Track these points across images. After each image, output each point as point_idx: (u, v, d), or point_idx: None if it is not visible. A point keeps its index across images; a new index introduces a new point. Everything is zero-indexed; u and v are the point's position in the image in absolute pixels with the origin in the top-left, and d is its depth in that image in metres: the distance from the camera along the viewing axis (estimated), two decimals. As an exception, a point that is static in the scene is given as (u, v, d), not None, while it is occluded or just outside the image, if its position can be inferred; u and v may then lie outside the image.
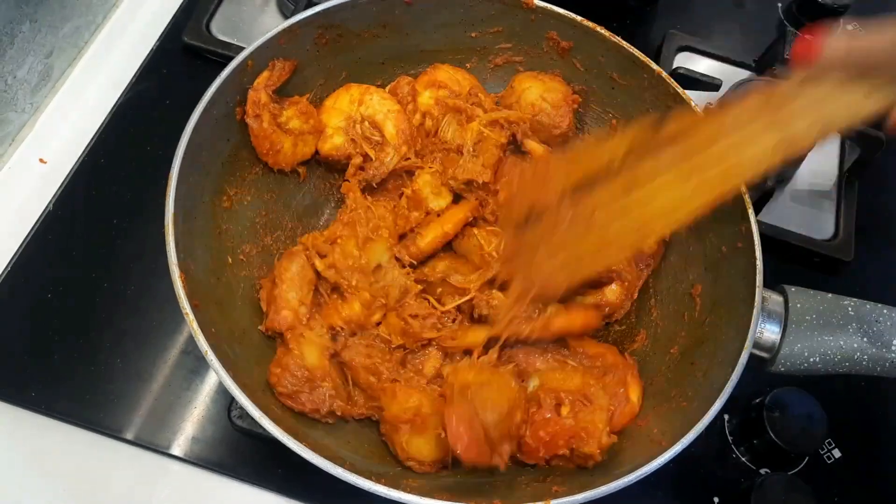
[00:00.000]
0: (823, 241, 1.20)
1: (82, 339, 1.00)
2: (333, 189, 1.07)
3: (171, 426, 0.96)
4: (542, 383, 0.86)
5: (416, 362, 0.91)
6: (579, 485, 0.75)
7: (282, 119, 0.96)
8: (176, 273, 0.78)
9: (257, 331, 0.90)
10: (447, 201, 0.99)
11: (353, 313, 0.89)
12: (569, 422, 0.81)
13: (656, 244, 0.97)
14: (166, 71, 1.24)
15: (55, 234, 1.07)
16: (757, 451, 1.01)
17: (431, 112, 1.02)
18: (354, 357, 0.87)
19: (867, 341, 0.82)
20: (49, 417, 0.96)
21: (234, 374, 0.75)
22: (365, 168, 0.99)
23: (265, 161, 0.97)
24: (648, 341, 0.96)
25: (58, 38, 1.19)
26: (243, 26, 1.28)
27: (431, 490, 0.78)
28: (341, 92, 1.02)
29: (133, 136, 1.16)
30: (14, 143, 1.16)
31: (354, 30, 1.02)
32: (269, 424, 0.72)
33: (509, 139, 1.01)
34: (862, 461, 1.05)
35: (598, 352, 0.91)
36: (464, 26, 1.06)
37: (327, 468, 0.71)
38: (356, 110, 0.99)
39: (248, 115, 0.92)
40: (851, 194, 1.25)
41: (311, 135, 0.98)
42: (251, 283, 0.94)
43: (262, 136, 0.93)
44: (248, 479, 0.95)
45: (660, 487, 0.99)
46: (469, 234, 0.97)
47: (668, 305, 0.98)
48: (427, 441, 0.82)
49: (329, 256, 0.91)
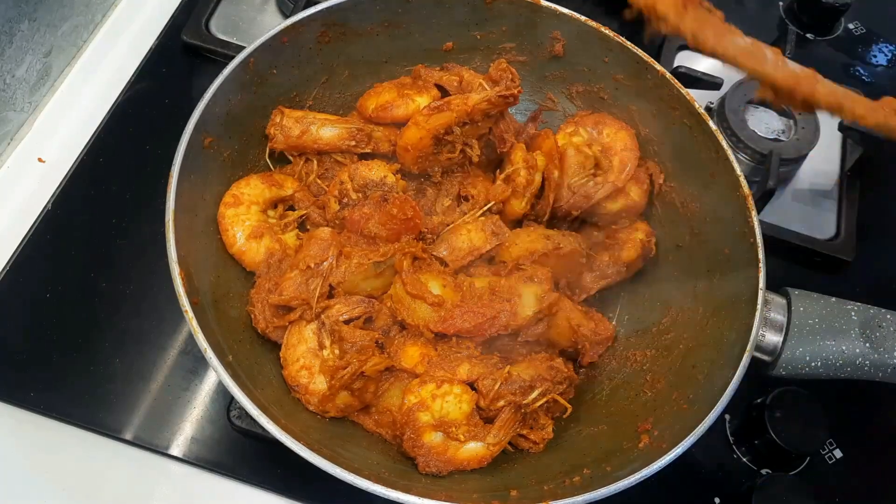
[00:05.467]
0: (825, 241, 1.20)
1: (81, 340, 1.00)
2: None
3: (171, 426, 0.96)
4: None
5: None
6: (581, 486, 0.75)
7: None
8: (176, 271, 0.78)
9: (256, 330, 0.90)
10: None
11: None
12: None
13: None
14: (166, 70, 1.23)
15: (54, 233, 1.07)
16: (758, 452, 1.01)
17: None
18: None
19: (869, 347, 0.82)
20: (48, 417, 0.95)
21: (234, 372, 0.75)
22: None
23: None
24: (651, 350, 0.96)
25: (57, 36, 1.19)
26: (243, 25, 1.28)
27: (432, 490, 0.78)
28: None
29: (132, 135, 1.16)
30: (13, 143, 1.16)
31: (357, 28, 1.01)
32: (268, 424, 0.72)
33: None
34: (863, 461, 1.05)
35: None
36: (468, 25, 1.06)
37: (326, 468, 0.71)
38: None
39: None
40: (853, 194, 1.24)
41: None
42: (250, 282, 0.94)
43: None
44: (247, 479, 0.94)
45: (661, 488, 0.98)
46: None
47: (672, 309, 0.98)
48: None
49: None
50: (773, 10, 1.45)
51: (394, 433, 0.86)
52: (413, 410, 0.84)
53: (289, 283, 0.87)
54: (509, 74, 0.95)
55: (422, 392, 0.84)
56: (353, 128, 1.00)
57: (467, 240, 0.94)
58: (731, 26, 0.93)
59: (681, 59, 1.34)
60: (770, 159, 1.16)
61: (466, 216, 0.98)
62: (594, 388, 0.97)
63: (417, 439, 0.83)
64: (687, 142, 0.98)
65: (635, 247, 1.00)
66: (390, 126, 1.01)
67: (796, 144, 1.22)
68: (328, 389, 0.83)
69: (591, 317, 0.96)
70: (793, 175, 1.26)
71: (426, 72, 1.03)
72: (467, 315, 0.87)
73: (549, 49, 1.06)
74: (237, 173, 0.96)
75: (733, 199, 0.91)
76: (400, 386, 0.88)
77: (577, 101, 1.10)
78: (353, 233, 0.93)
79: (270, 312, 0.88)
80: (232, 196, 0.93)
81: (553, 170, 0.98)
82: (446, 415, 0.84)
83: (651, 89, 1.00)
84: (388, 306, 0.90)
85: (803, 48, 1.41)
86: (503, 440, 0.85)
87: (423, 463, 0.83)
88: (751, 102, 1.26)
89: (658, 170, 1.03)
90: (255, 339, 0.90)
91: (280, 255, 0.93)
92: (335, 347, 0.86)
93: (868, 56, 1.47)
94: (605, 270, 1.00)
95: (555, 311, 0.91)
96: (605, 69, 1.04)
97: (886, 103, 0.92)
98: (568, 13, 1.02)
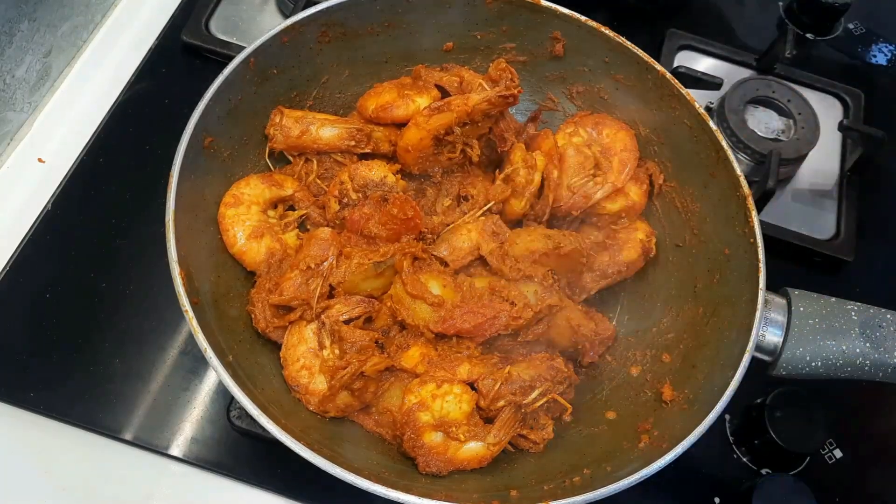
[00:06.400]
0: (825, 241, 1.20)
1: (81, 340, 1.00)
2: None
3: (170, 426, 0.96)
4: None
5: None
6: (581, 486, 0.75)
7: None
8: (176, 271, 0.78)
9: (256, 330, 0.90)
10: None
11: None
12: None
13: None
14: (165, 70, 1.23)
15: (54, 233, 1.07)
16: (758, 452, 1.01)
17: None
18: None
19: (870, 346, 0.82)
20: (48, 417, 0.95)
21: (234, 372, 0.75)
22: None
23: None
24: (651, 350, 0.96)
25: (56, 36, 1.19)
26: (242, 25, 1.28)
27: (432, 490, 0.78)
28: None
29: (132, 135, 1.16)
30: (13, 143, 1.16)
31: (357, 28, 1.01)
32: (268, 424, 0.72)
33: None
34: (863, 462, 1.05)
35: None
36: (468, 25, 1.06)
37: (326, 468, 0.71)
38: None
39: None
40: (853, 194, 1.24)
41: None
42: (250, 282, 0.94)
43: None
44: (247, 480, 0.94)
45: (661, 487, 0.99)
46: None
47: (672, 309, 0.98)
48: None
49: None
50: (772, 10, 1.45)
51: (394, 433, 0.86)
52: (413, 410, 0.84)
53: (289, 283, 0.87)
54: (508, 74, 0.95)
55: (422, 392, 0.84)
56: (353, 128, 1.00)
57: (467, 240, 0.94)
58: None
59: (681, 59, 1.34)
60: (770, 159, 1.16)
61: (466, 216, 0.98)
62: (594, 388, 0.97)
63: (417, 439, 0.83)
64: (687, 142, 0.98)
65: (635, 247, 1.00)
66: (390, 126, 1.01)
67: (796, 144, 1.22)
68: (328, 389, 0.83)
69: (592, 317, 0.96)
70: (793, 175, 1.26)
71: (426, 72, 1.03)
72: (467, 315, 0.87)
73: (549, 49, 1.06)
74: (237, 173, 0.96)
75: (733, 199, 0.91)
76: (400, 386, 0.88)
77: (577, 101, 1.10)
78: (354, 233, 0.93)
79: (270, 312, 0.88)
80: (232, 196, 0.93)
81: (553, 170, 0.98)
82: (446, 415, 0.84)
83: (651, 89, 1.00)
84: (388, 306, 0.90)
85: (803, 48, 1.41)
86: (503, 440, 0.85)
87: (423, 463, 0.83)
88: (751, 102, 1.26)
89: (658, 170, 1.03)
90: (255, 339, 0.89)
91: (280, 255, 0.93)
92: (335, 347, 0.86)
93: (868, 56, 1.47)
94: (605, 270, 1.00)
95: (555, 312, 0.91)
96: (606, 69, 1.04)
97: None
98: (568, 13, 1.01)
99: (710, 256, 0.94)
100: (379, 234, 0.91)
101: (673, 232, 1.02)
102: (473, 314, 0.87)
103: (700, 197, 0.98)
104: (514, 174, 0.97)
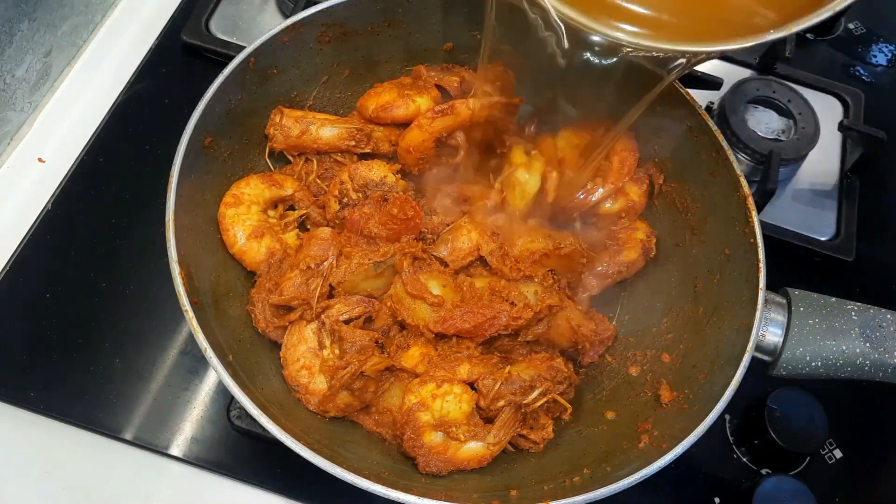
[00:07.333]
0: (825, 241, 1.20)
1: (81, 340, 1.00)
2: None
3: (171, 426, 0.96)
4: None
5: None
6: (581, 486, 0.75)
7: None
8: (176, 270, 0.78)
9: (256, 330, 0.90)
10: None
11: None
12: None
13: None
14: (165, 70, 1.23)
15: (54, 233, 1.07)
16: (758, 452, 1.01)
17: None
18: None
19: (870, 347, 0.82)
20: (48, 417, 0.95)
21: (234, 372, 0.75)
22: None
23: None
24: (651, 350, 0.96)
25: (56, 36, 1.19)
26: (242, 25, 1.28)
27: (432, 490, 0.78)
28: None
29: (132, 135, 1.16)
30: (13, 143, 1.16)
31: (357, 28, 1.01)
32: (268, 424, 0.72)
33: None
34: (863, 461, 1.05)
35: None
36: (468, 25, 1.06)
37: (326, 468, 0.71)
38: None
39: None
40: (853, 194, 1.24)
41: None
42: (251, 281, 0.94)
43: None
44: (247, 479, 0.94)
45: (661, 487, 0.99)
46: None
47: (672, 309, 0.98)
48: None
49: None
50: (773, 10, 1.45)
51: (394, 433, 0.86)
52: (413, 410, 0.84)
53: (289, 282, 0.87)
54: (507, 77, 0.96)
55: (422, 392, 0.84)
56: (353, 128, 1.00)
57: (467, 240, 0.94)
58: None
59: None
60: (770, 159, 1.16)
61: (466, 216, 0.98)
62: (594, 388, 0.97)
63: (417, 439, 0.83)
64: (687, 142, 0.98)
65: (635, 247, 1.00)
66: (390, 126, 1.02)
67: (796, 144, 1.22)
68: (328, 389, 0.83)
69: (592, 317, 0.96)
70: (793, 175, 1.26)
71: (427, 72, 1.03)
72: (467, 315, 0.87)
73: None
74: (237, 173, 0.96)
75: (733, 199, 0.91)
76: (400, 386, 0.88)
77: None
78: (353, 233, 0.93)
79: (270, 312, 0.88)
80: (232, 196, 0.93)
81: (552, 171, 0.98)
82: (446, 414, 0.84)
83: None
84: (388, 306, 0.90)
85: (803, 48, 1.41)
86: (503, 440, 0.85)
87: (423, 463, 0.83)
88: (751, 102, 1.26)
89: (658, 170, 1.03)
90: (255, 338, 0.90)
91: (280, 255, 0.93)
92: (335, 347, 0.86)
93: (868, 56, 1.47)
94: (605, 270, 1.00)
95: (555, 312, 0.91)
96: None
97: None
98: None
99: (711, 256, 0.94)
100: (379, 234, 0.91)
101: (673, 232, 1.02)
102: (473, 314, 0.87)
103: (700, 197, 0.98)
104: (514, 175, 0.97)
